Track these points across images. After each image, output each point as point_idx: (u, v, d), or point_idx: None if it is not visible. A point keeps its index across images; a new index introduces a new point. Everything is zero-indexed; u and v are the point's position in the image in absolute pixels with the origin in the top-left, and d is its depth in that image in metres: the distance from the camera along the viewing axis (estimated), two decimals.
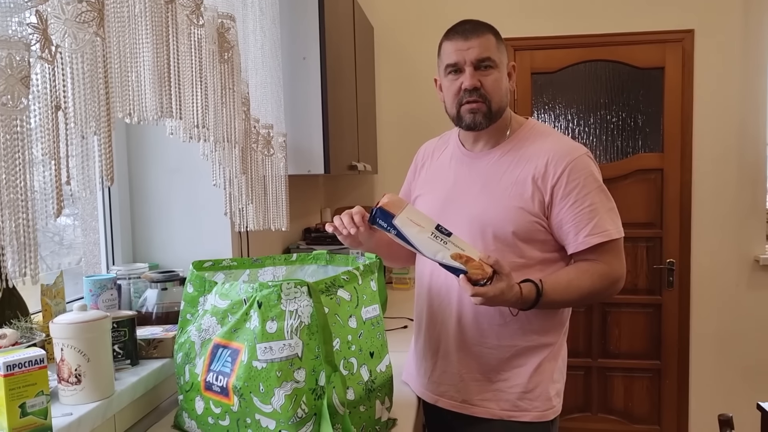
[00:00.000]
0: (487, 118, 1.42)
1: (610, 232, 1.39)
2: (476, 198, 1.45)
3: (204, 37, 1.29)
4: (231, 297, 1.21)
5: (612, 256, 1.41)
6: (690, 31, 3.09)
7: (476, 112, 1.41)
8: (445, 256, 1.25)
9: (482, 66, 1.40)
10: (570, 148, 1.43)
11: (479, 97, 1.40)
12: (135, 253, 1.87)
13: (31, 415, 1.00)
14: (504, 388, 1.43)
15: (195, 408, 1.23)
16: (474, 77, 1.40)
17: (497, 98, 1.42)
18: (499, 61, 1.41)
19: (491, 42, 1.41)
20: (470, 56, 1.39)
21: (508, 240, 1.41)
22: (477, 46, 1.39)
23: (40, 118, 0.80)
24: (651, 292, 3.23)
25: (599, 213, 1.39)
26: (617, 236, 1.40)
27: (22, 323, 1.21)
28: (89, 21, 0.84)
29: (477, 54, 1.39)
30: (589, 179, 1.40)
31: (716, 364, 3.20)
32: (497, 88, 1.41)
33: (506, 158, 1.45)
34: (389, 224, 1.29)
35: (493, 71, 1.41)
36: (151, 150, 1.84)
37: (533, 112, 3.27)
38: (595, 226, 1.38)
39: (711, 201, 3.15)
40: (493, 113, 1.42)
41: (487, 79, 1.40)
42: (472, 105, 1.41)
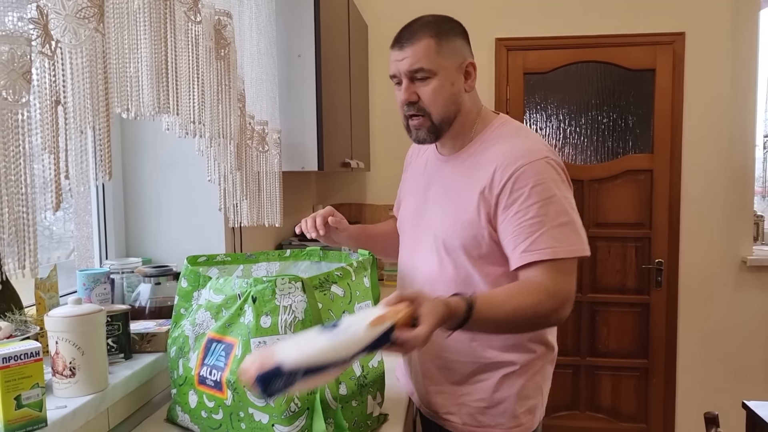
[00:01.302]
0: (431, 132, 1.33)
1: (552, 250, 1.21)
2: (436, 208, 1.39)
3: (201, 33, 1.29)
4: (225, 292, 1.22)
5: (558, 275, 1.21)
6: (681, 34, 3.12)
7: (419, 129, 1.33)
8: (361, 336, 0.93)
9: (417, 77, 1.29)
10: (524, 152, 1.27)
11: (418, 111, 1.31)
12: (128, 247, 1.88)
13: (26, 408, 1.00)
14: (467, 401, 1.37)
15: (188, 402, 1.24)
16: (409, 90, 1.30)
17: (438, 109, 1.30)
18: (438, 68, 1.28)
19: (429, 48, 1.28)
20: (403, 68, 1.29)
21: (459, 254, 1.32)
22: (410, 56, 1.28)
23: (40, 113, 0.81)
24: (639, 291, 3.26)
25: (543, 227, 1.22)
26: (563, 255, 1.22)
27: (17, 316, 1.22)
28: (89, 17, 0.85)
29: (409, 65, 1.28)
30: (538, 188, 1.23)
31: (703, 363, 3.24)
32: (436, 99, 1.29)
33: (466, 164, 1.35)
34: (287, 379, 0.87)
35: (431, 80, 1.28)
36: (145, 145, 1.85)
37: (525, 111, 3.30)
38: (533, 242, 1.21)
39: (699, 202, 3.18)
40: (437, 126, 1.32)
41: (425, 91, 1.29)
42: (414, 121, 1.33)
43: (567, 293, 1.22)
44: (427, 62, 1.28)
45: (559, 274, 1.21)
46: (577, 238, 1.25)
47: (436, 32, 1.30)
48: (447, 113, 1.32)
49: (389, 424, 1.34)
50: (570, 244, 1.23)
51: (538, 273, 1.21)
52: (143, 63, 1.08)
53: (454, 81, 1.31)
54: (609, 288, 3.28)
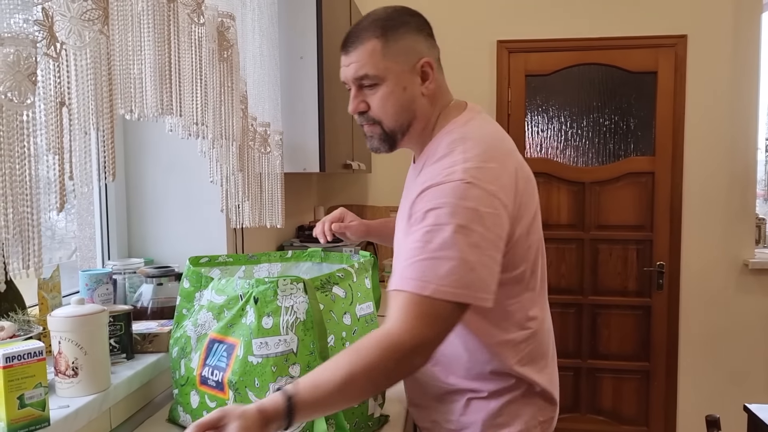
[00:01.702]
0: (384, 141, 1.21)
1: (415, 283, 1.00)
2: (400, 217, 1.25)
3: (204, 35, 1.30)
4: (227, 293, 1.22)
5: (414, 316, 0.99)
6: (683, 37, 3.12)
7: (372, 138, 1.22)
8: None
9: (365, 83, 1.17)
10: (440, 172, 1.09)
11: (368, 120, 1.20)
12: (130, 248, 1.88)
13: (29, 407, 1.01)
14: (440, 420, 1.27)
15: (190, 402, 1.24)
16: (357, 99, 1.19)
17: (389, 118, 1.18)
18: (385, 73, 1.15)
19: (374, 51, 1.15)
20: (348, 74, 1.18)
21: None
22: (355, 61, 1.16)
23: (45, 114, 0.81)
24: (640, 294, 3.26)
25: (419, 255, 1.02)
26: (427, 293, 0.99)
27: (20, 316, 1.23)
28: (94, 19, 0.86)
29: (354, 72, 1.17)
30: (432, 213, 1.04)
31: (704, 366, 3.24)
32: (386, 107, 1.17)
33: (413, 176, 1.24)
34: None
35: (380, 87, 1.16)
36: (148, 146, 1.85)
37: (527, 113, 3.30)
38: (404, 268, 1.04)
39: (701, 204, 3.18)
40: (390, 134, 1.20)
41: (374, 99, 1.17)
42: (366, 128, 1.22)
43: (417, 341, 0.99)
44: (372, 67, 1.15)
45: (415, 315, 0.99)
46: (454, 279, 1.00)
47: (382, 31, 1.15)
48: (399, 121, 1.19)
49: (390, 426, 1.35)
50: (442, 284, 0.99)
51: (396, 308, 1.02)
52: (147, 65, 1.09)
53: (406, 85, 1.17)
54: (610, 290, 3.28)
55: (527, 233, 1.15)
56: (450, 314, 1.01)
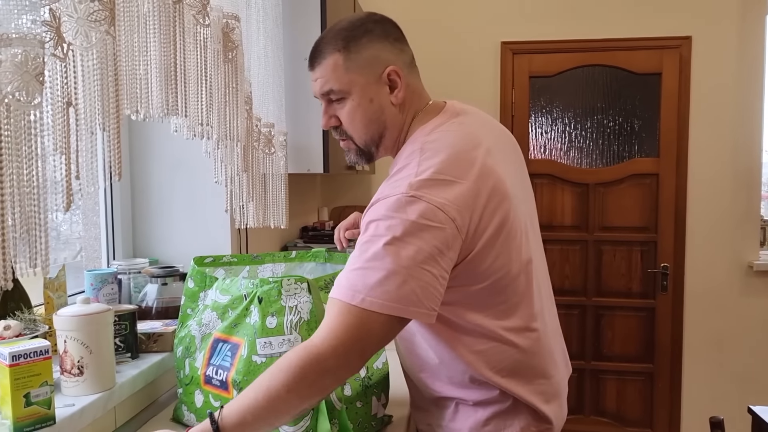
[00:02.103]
0: (360, 155, 1.20)
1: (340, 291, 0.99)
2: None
3: (209, 36, 1.31)
4: (232, 292, 1.23)
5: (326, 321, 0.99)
6: (687, 38, 3.12)
7: (348, 152, 1.21)
8: None
9: (332, 98, 1.15)
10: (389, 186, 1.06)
11: (342, 135, 1.19)
12: (135, 248, 1.89)
13: (35, 405, 1.02)
14: (434, 424, 1.27)
15: (194, 401, 1.25)
16: (327, 114, 1.17)
17: (359, 132, 1.16)
18: (350, 86, 1.12)
19: (336, 66, 1.12)
20: (315, 90, 1.16)
21: None
22: (320, 76, 1.14)
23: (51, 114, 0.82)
24: (645, 295, 3.26)
25: (353, 265, 1.01)
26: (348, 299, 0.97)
27: (26, 315, 1.23)
28: (101, 20, 0.86)
29: (319, 87, 1.15)
30: (372, 225, 1.02)
31: (708, 367, 3.23)
32: (353, 121, 1.15)
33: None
34: None
35: (346, 101, 1.14)
36: (153, 146, 1.86)
37: (531, 115, 3.30)
38: (340, 276, 1.03)
39: (706, 206, 3.18)
40: (363, 149, 1.18)
41: (342, 113, 1.15)
42: (341, 143, 1.21)
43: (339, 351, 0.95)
44: (336, 82, 1.12)
45: (340, 325, 0.96)
46: (386, 291, 0.96)
47: (344, 44, 1.12)
48: (370, 134, 1.16)
49: (393, 426, 1.35)
50: (372, 294, 0.96)
51: (326, 317, 1.00)
52: (152, 65, 1.10)
53: (372, 97, 1.13)
54: (614, 292, 3.28)
55: (494, 245, 1.08)
56: (381, 326, 0.97)
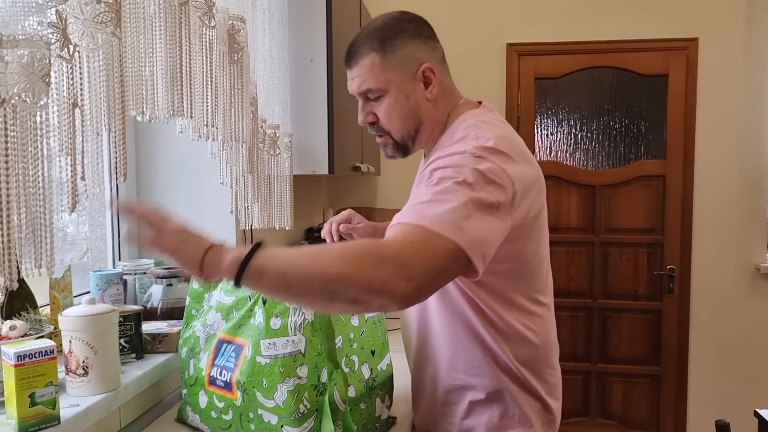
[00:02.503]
0: (396, 149, 1.25)
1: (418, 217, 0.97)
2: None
3: (215, 38, 1.31)
4: (236, 293, 1.23)
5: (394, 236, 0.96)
6: (694, 40, 3.11)
7: (386, 147, 1.26)
8: None
9: (369, 96, 1.21)
10: (461, 141, 1.12)
11: (379, 131, 1.24)
12: (140, 249, 1.89)
13: (40, 405, 1.02)
14: (442, 423, 1.29)
15: (198, 402, 1.25)
16: (364, 111, 1.23)
17: (396, 127, 1.21)
18: (387, 84, 1.18)
19: (373, 65, 1.17)
20: (353, 88, 1.22)
21: None
22: (357, 76, 1.20)
23: (57, 115, 0.82)
24: (651, 298, 3.24)
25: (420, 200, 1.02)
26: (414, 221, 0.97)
27: (31, 315, 1.24)
28: (107, 21, 0.87)
29: (357, 86, 1.21)
30: (438, 172, 1.05)
31: (715, 370, 3.21)
32: (392, 118, 1.20)
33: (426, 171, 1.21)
34: None
35: (383, 99, 1.19)
36: (158, 148, 1.87)
37: (536, 117, 3.29)
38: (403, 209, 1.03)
39: (712, 208, 3.16)
40: (401, 142, 1.24)
41: (379, 110, 1.21)
42: (378, 139, 1.27)
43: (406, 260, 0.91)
44: (373, 81, 1.18)
45: (408, 240, 0.94)
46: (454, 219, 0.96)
47: (380, 44, 1.17)
48: (406, 129, 1.22)
49: (397, 428, 1.35)
50: (440, 219, 0.96)
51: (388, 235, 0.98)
52: (158, 67, 1.10)
53: (409, 93, 1.19)
54: (620, 294, 3.26)
55: (533, 229, 1.15)
56: (440, 255, 0.94)
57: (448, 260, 0.95)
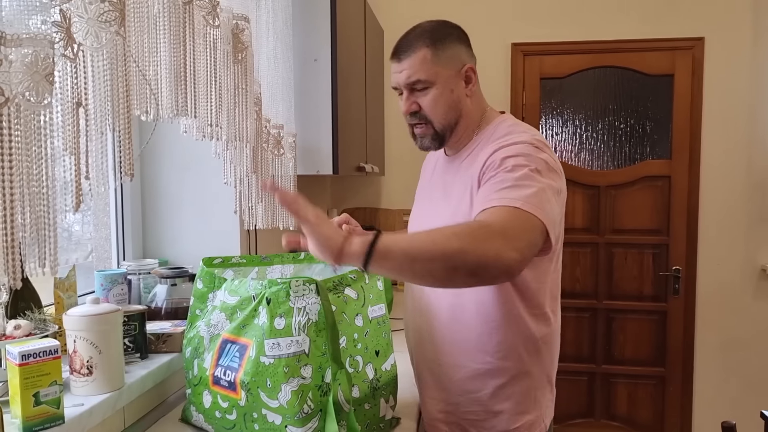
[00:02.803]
0: (435, 140, 1.36)
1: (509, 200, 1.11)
2: (440, 201, 1.40)
3: (219, 37, 1.31)
4: (240, 293, 1.23)
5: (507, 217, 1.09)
6: (700, 39, 3.10)
7: (423, 137, 1.36)
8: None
9: (417, 87, 1.31)
10: (514, 137, 1.26)
11: (421, 120, 1.34)
12: (145, 249, 1.90)
13: (44, 404, 1.02)
14: (459, 412, 1.34)
15: (203, 402, 1.25)
16: (409, 101, 1.33)
17: (439, 117, 1.32)
18: (436, 77, 1.30)
19: (425, 59, 1.29)
20: (401, 80, 1.32)
21: None
22: (407, 68, 1.30)
23: (62, 114, 0.82)
24: (656, 299, 3.23)
25: (506, 184, 1.15)
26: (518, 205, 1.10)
27: (36, 315, 1.24)
28: (111, 20, 0.87)
29: (406, 77, 1.31)
30: (510, 159, 1.19)
31: (721, 372, 3.20)
32: (436, 108, 1.31)
33: (469, 158, 1.35)
34: None
35: (430, 90, 1.30)
36: (163, 148, 1.87)
37: (541, 116, 3.29)
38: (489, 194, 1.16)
39: (718, 209, 3.15)
40: (440, 133, 1.34)
41: (425, 100, 1.31)
42: (417, 129, 1.36)
43: (510, 231, 1.05)
44: (424, 73, 1.29)
45: (509, 218, 1.08)
46: (538, 201, 1.11)
47: (431, 41, 1.30)
48: (448, 120, 1.34)
49: (401, 428, 1.34)
50: (529, 201, 1.10)
51: (487, 216, 1.10)
52: (162, 66, 1.10)
53: (453, 88, 1.32)
54: (625, 295, 3.25)
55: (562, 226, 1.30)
56: (533, 230, 1.09)
57: (537, 235, 1.11)
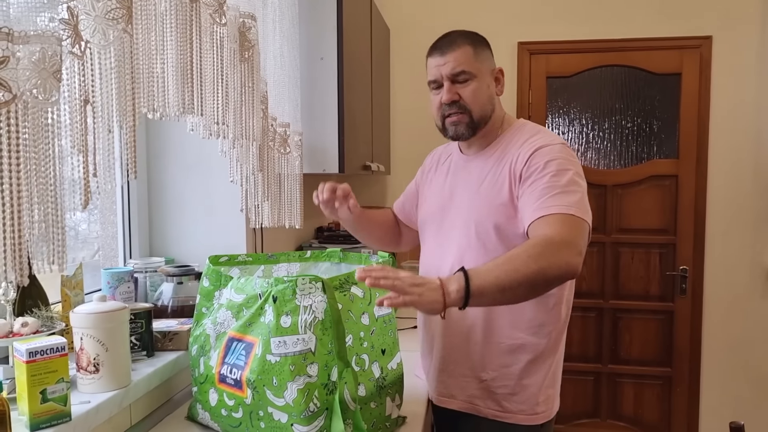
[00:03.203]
0: (469, 128, 1.45)
1: (559, 207, 1.28)
2: (466, 200, 1.48)
3: (226, 36, 1.31)
4: (246, 291, 1.23)
5: (565, 226, 1.26)
6: (708, 38, 3.08)
7: (458, 124, 1.45)
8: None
9: (459, 79, 1.42)
10: (546, 138, 1.42)
11: (459, 109, 1.44)
12: (152, 247, 1.90)
13: (51, 402, 1.02)
14: (489, 387, 1.44)
15: (209, 400, 1.25)
16: (451, 91, 1.43)
17: (478, 107, 1.44)
18: (477, 71, 1.43)
19: (468, 54, 1.42)
20: (446, 71, 1.42)
21: (490, 235, 1.41)
22: (452, 60, 1.42)
23: (69, 112, 0.82)
24: (663, 298, 3.22)
25: (554, 191, 1.31)
26: (572, 212, 1.28)
27: (43, 312, 1.24)
28: (118, 18, 0.87)
29: (451, 68, 1.42)
30: (553, 163, 1.35)
31: (728, 372, 3.18)
32: (476, 98, 1.43)
33: (495, 156, 1.47)
34: None
35: (471, 82, 1.43)
36: (169, 146, 1.87)
37: (548, 115, 3.27)
38: (544, 201, 1.30)
39: (726, 208, 3.13)
40: (476, 122, 1.45)
41: (466, 91, 1.43)
42: (453, 117, 1.45)
43: (570, 238, 1.24)
44: (467, 65, 1.42)
45: (563, 225, 1.26)
46: (584, 206, 1.32)
47: (472, 41, 1.45)
48: (484, 112, 1.45)
49: (408, 427, 1.34)
50: (579, 207, 1.30)
51: (545, 227, 1.27)
52: (169, 64, 1.10)
53: (489, 84, 1.47)
54: (632, 295, 3.24)
55: None
56: (584, 232, 1.29)
57: (586, 235, 1.31)
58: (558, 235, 1.23)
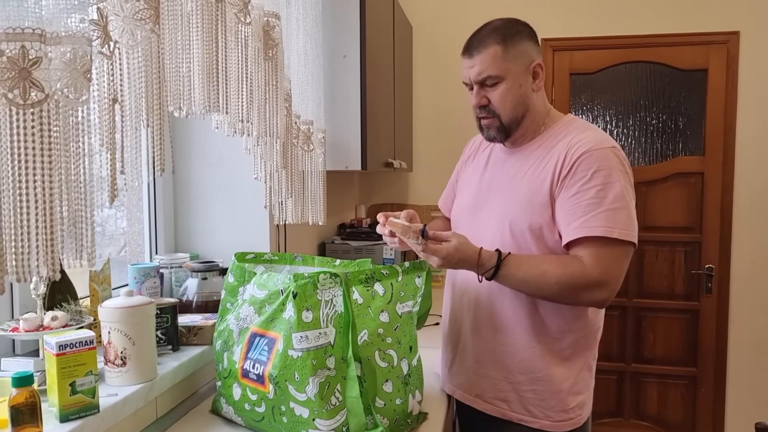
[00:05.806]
0: (500, 132, 1.42)
1: (603, 229, 1.27)
2: (501, 195, 1.44)
3: (250, 34, 1.32)
4: (269, 287, 1.24)
5: (603, 256, 1.28)
6: (735, 33, 3.02)
7: (489, 128, 1.43)
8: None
9: (487, 83, 1.38)
10: (592, 141, 1.34)
11: (488, 113, 1.41)
12: (177, 243, 1.93)
13: (80, 394, 1.05)
14: (518, 390, 1.41)
15: (232, 394, 1.27)
16: (479, 95, 1.40)
17: (506, 111, 1.39)
18: (505, 72, 1.37)
19: (495, 55, 1.36)
20: (472, 75, 1.39)
21: (525, 236, 1.36)
22: (478, 64, 1.37)
23: (98, 111, 0.84)
24: (688, 297, 3.17)
25: (599, 208, 1.28)
26: (615, 235, 1.27)
27: (72, 306, 1.27)
28: (146, 18, 0.88)
29: (477, 73, 1.38)
30: (600, 173, 1.30)
31: (754, 372, 3.13)
32: (504, 101, 1.39)
33: (537, 152, 1.42)
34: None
35: (499, 85, 1.38)
36: (195, 144, 1.90)
37: (571, 112, 3.23)
38: (587, 219, 1.28)
39: (752, 206, 3.07)
40: (506, 126, 1.41)
41: (494, 94, 1.39)
42: (485, 121, 1.43)
43: (607, 276, 1.28)
44: (494, 69, 1.36)
45: (604, 256, 1.28)
46: (630, 224, 1.30)
47: (502, 38, 1.37)
48: (515, 114, 1.40)
49: (428, 423, 1.35)
50: (624, 228, 1.28)
51: (586, 251, 1.29)
52: (195, 63, 1.12)
53: (521, 83, 1.39)
54: (656, 293, 3.20)
55: None
56: (628, 254, 1.31)
57: (628, 259, 1.33)
58: (594, 271, 1.27)
